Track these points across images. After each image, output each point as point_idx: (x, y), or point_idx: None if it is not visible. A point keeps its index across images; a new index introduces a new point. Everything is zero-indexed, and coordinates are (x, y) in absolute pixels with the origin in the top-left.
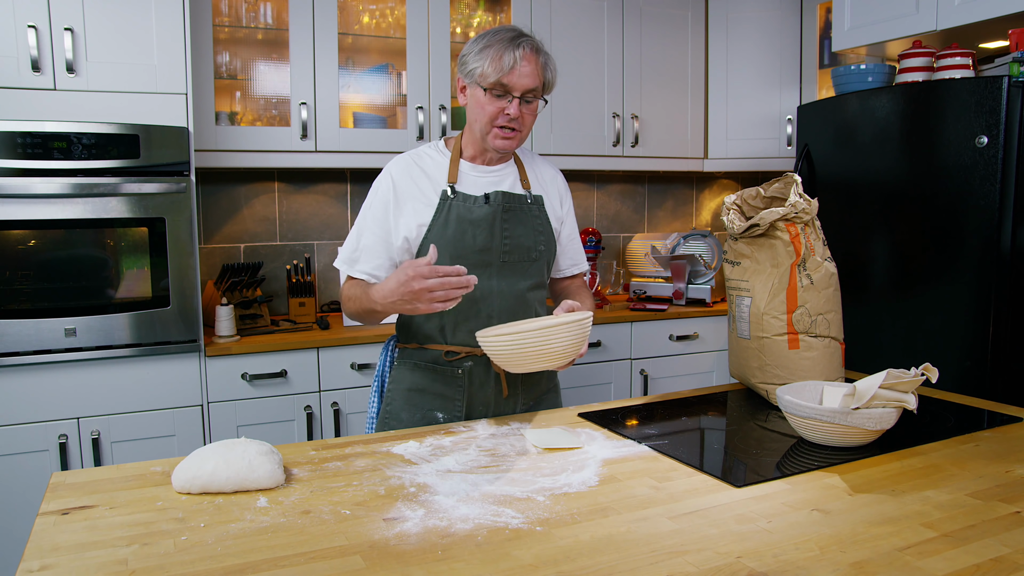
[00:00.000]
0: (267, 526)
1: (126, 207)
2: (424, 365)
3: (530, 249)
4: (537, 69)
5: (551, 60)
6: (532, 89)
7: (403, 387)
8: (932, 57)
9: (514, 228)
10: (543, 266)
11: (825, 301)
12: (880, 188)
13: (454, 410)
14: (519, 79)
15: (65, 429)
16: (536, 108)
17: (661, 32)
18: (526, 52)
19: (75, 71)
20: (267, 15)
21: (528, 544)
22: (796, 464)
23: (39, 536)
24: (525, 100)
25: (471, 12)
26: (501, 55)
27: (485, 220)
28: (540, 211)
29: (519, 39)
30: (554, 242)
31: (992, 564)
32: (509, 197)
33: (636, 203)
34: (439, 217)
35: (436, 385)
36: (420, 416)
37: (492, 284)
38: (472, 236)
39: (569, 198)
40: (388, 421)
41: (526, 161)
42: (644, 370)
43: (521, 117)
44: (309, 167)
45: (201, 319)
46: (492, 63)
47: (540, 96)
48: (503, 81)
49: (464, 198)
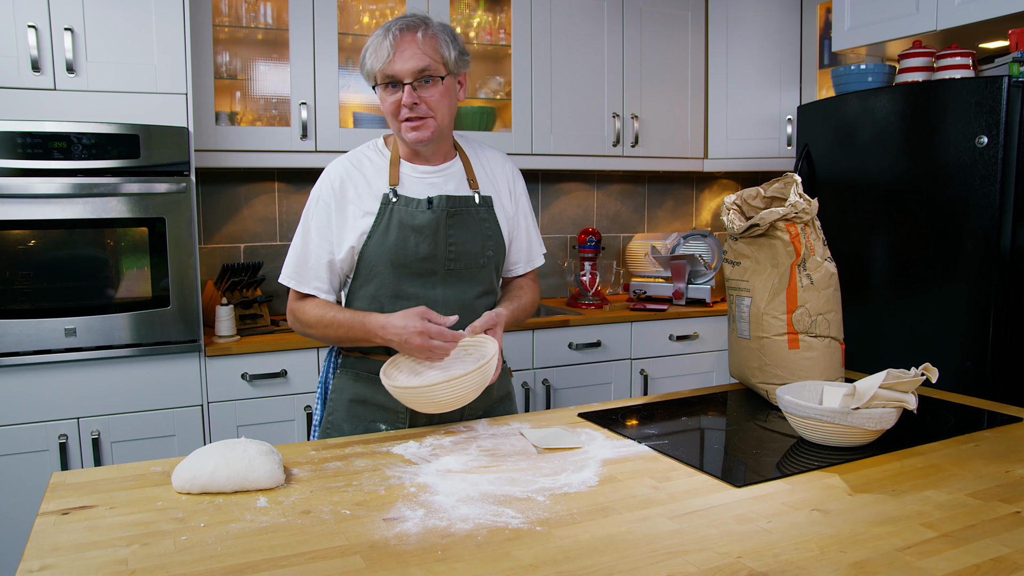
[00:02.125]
0: (267, 526)
1: (126, 207)
2: (366, 376)
3: (477, 255)
4: (419, 49)
5: (446, 34)
6: (422, 69)
7: (345, 397)
8: (932, 57)
9: (460, 234)
10: (491, 272)
11: (825, 301)
12: (880, 188)
13: (397, 423)
14: (401, 63)
15: (65, 429)
16: (442, 90)
17: (661, 32)
18: (398, 36)
19: (75, 71)
20: (267, 15)
21: (528, 544)
22: (796, 464)
23: (39, 536)
24: (422, 82)
25: (471, 12)
26: (379, 46)
27: (428, 227)
28: (489, 213)
29: (392, 24)
30: (503, 245)
31: (992, 564)
32: (454, 200)
33: (636, 203)
34: (380, 223)
35: (378, 396)
36: (363, 428)
37: (437, 294)
38: (415, 244)
39: (520, 187)
40: (329, 431)
41: (473, 156)
42: (644, 370)
43: (423, 102)
44: (309, 167)
45: (201, 319)
46: (372, 57)
47: (441, 74)
48: (387, 72)
49: (406, 202)
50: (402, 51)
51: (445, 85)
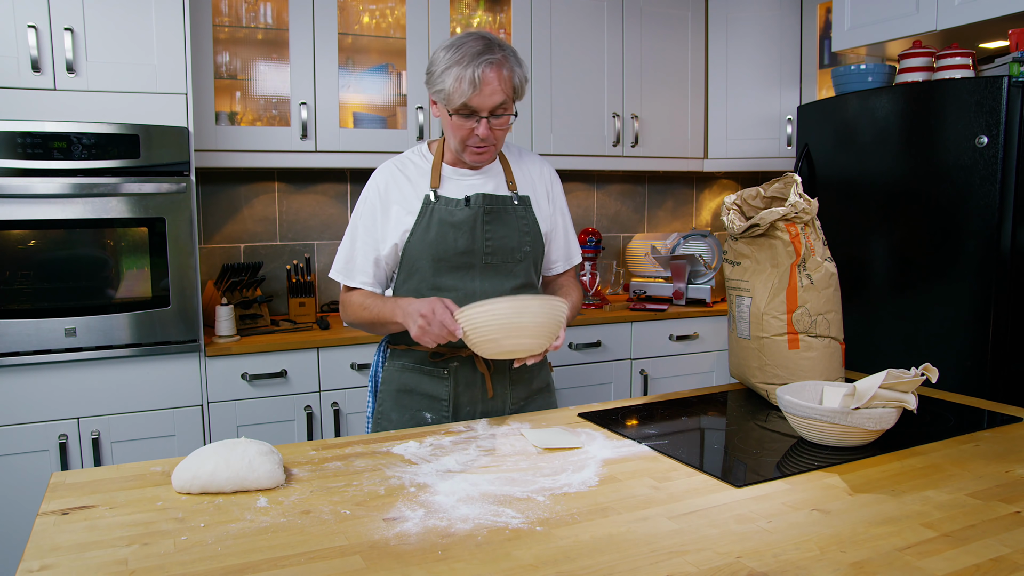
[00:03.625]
0: (267, 526)
1: (126, 207)
2: (412, 366)
3: (514, 250)
4: (502, 84)
5: (519, 66)
6: (500, 104)
7: (393, 388)
8: (932, 57)
9: (497, 230)
10: (530, 266)
11: (825, 301)
12: (880, 188)
13: (441, 410)
14: (484, 99)
15: (65, 429)
16: (507, 121)
17: (661, 32)
18: (487, 72)
19: (75, 71)
20: (267, 15)
21: (528, 544)
22: (796, 464)
23: (39, 536)
24: (495, 116)
25: (471, 12)
26: (462, 76)
27: (466, 223)
28: (527, 211)
29: (480, 57)
30: (541, 242)
31: (992, 564)
32: (491, 199)
33: (636, 203)
34: (421, 221)
35: (423, 386)
36: (409, 417)
37: (475, 285)
38: (453, 239)
39: (557, 189)
40: (381, 421)
41: (513, 160)
42: (644, 370)
43: (491, 133)
44: (309, 167)
45: (201, 319)
46: (455, 86)
47: (511, 109)
48: (468, 104)
49: (446, 202)
50: (488, 88)
51: (511, 116)
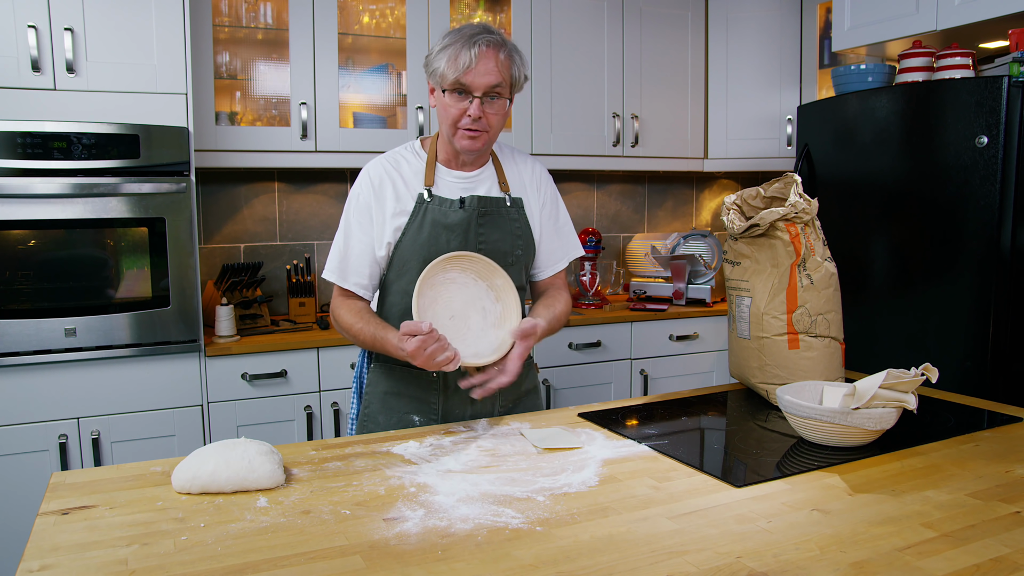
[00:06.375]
0: (267, 526)
1: (126, 207)
2: (400, 368)
3: (507, 253)
4: (498, 66)
5: (518, 56)
6: (494, 86)
7: (380, 390)
8: (932, 57)
9: (490, 233)
10: (521, 269)
11: (825, 301)
12: (880, 188)
13: (430, 413)
14: (478, 77)
15: (65, 429)
16: (503, 107)
17: (661, 32)
18: (483, 49)
19: (75, 71)
20: (267, 15)
21: (528, 544)
22: (796, 464)
23: (39, 536)
24: (488, 98)
25: (471, 12)
26: (458, 54)
27: (460, 225)
28: (519, 214)
29: (477, 36)
30: (533, 245)
31: (992, 564)
32: (485, 201)
33: (636, 203)
34: (414, 221)
35: (412, 388)
36: (396, 419)
37: None
38: (446, 241)
39: (549, 189)
40: (367, 423)
41: (505, 161)
42: (644, 370)
43: (485, 117)
44: (309, 167)
45: (201, 319)
46: (450, 62)
47: (506, 94)
48: (462, 80)
49: (440, 202)
50: (483, 65)
51: (505, 104)
